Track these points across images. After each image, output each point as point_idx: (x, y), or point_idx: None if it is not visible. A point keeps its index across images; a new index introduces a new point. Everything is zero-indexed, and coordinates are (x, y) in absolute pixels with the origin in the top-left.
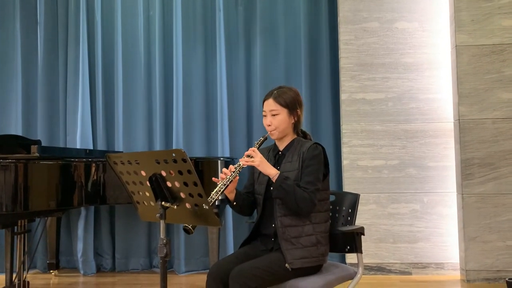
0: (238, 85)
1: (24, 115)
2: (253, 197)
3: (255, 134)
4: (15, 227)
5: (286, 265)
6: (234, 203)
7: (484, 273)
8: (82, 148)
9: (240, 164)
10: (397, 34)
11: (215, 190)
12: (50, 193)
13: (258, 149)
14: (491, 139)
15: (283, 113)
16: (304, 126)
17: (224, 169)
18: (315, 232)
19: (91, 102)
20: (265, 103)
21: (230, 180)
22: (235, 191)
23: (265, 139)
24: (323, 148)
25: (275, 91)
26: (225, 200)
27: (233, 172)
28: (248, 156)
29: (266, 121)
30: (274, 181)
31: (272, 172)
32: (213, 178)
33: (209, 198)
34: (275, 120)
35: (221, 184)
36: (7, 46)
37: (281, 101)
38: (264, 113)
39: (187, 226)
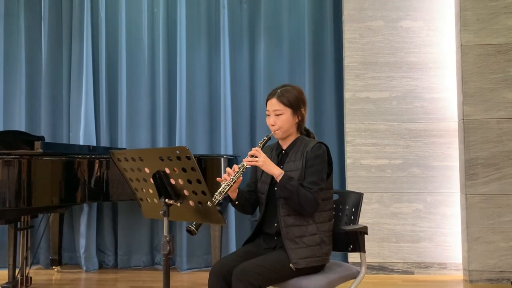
0: (242, 82)
1: (27, 111)
2: (255, 195)
3: (258, 132)
4: (18, 223)
5: (291, 265)
6: (236, 202)
7: (487, 274)
8: (85, 144)
9: (244, 164)
10: (402, 33)
11: (218, 191)
12: (53, 189)
13: (261, 148)
14: (496, 139)
15: (286, 113)
16: (307, 125)
17: (228, 169)
18: (318, 232)
19: (94, 98)
20: (268, 102)
21: (233, 181)
22: (237, 190)
23: (269, 138)
24: (326, 147)
25: (279, 90)
26: (227, 198)
27: (237, 172)
28: (252, 156)
29: (270, 120)
30: (278, 181)
31: (276, 172)
32: (217, 179)
33: (213, 198)
34: (278, 120)
35: (225, 185)
36: (11, 42)
37: (285, 101)
38: (267, 113)
39: (190, 227)
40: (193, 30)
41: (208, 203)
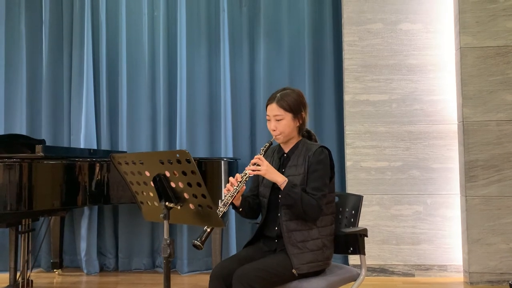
0: (242, 85)
1: (28, 114)
2: (258, 199)
3: (259, 135)
4: (19, 226)
5: (293, 270)
6: (240, 209)
7: (487, 276)
8: (86, 148)
9: (246, 173)
10: (401, 35)
11: (222, 202)
12: (54, 192)
13: (263, 155)
14: (495, 141)
15: (287, 118)
16: (307, 127)
17: (231, 179)
18: (320, 236)
19: (95, 102)
20: (268, 107)
21: (237, 191)
22: (240, 197)
23: (271, 144)
24: (329, 151)
25: (278, 95)
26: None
27: (240, 182)
28: (254, 164)
29: (271, 125)
30: (282, 188)
31: (279, 179)
32: (224, 190)
33: (217, 210)
34: (279, 125)
35: (228, 196)
36: (12, 46)
37: (285, 106)
38: (268, 117)
39: (196, 242)
40: (193, 33)
41: (218, 208)
